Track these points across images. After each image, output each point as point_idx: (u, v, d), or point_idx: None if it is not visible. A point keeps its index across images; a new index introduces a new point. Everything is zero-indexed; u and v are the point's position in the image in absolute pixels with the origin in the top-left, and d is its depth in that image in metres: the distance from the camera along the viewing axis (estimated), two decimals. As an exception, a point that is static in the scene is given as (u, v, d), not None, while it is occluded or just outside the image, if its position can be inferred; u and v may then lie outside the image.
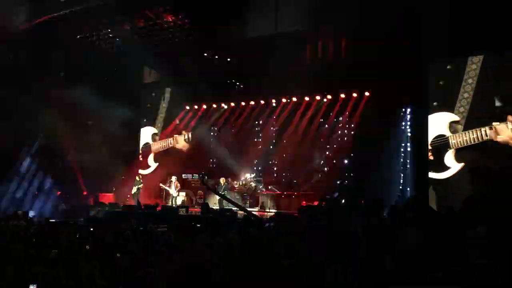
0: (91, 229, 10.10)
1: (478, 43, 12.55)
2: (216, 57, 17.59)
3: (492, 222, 3.42)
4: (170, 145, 20.15)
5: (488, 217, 3.83)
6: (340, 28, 14.13)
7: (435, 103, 14.09)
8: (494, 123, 12.84)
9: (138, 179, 17.89)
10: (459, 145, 13.43)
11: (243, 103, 19.37)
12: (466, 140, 13.30)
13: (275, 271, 4.29)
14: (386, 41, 13.14)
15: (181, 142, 19.98)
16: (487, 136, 12.88)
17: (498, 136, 12.71)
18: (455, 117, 13.61)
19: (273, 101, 18.76)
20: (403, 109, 15.77)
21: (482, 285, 2.93)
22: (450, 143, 13.60)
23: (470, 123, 13.36)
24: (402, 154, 15.63)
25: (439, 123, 13.88)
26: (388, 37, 13.03)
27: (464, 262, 3.24)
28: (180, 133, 20.07)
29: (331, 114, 17.68)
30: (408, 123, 15.63)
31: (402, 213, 4.41)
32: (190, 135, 19.84)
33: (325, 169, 18.14)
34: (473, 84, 13.41)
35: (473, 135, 13.18)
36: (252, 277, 3.79)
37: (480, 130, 13.07)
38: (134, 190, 17.59)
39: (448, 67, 14.07)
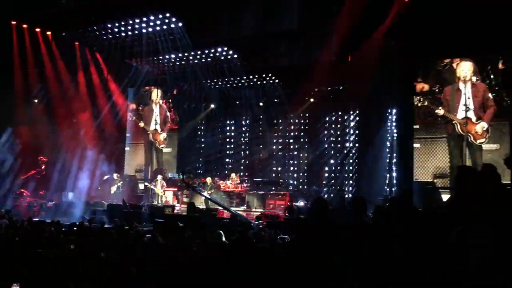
0: (75, 228, 10.02)
1: (465, 44, 12.84)
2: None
3: (471, 222, 3.47)
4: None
5: (469, 217, 3.88)
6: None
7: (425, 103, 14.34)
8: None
9: (117, 178, 17.75)
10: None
11: (230, 102, 19.35)
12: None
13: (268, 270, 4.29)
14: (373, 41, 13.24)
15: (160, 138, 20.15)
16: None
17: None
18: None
19: (261, 103, 18.80)
20: (389, 110, 15.92)
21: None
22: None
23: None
24: (388, 155, 15.78)
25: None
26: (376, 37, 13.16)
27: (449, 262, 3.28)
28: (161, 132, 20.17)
29: (320, 114, 17.76)
30: (394, 123, 15.76)
31: (387, 212, 4.45)
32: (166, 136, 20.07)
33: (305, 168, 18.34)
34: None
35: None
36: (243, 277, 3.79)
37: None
38: (114, 189, 17.46)
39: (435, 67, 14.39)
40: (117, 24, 15.48)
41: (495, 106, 13.53)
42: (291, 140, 19.22)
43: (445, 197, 12.29)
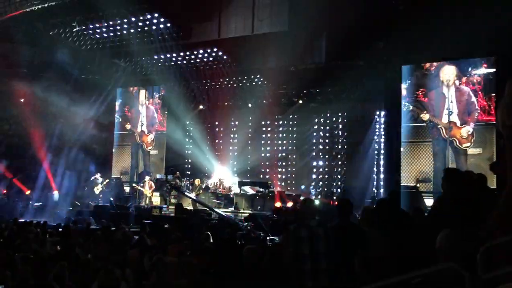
0: (60, 229, 9.92)
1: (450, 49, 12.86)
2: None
3: (459, 225, 3.48)
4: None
5: (455, 220, 3.90)
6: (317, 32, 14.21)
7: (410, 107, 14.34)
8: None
9: (99, 177, 17.59)
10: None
11: (219, 103, 19.31)
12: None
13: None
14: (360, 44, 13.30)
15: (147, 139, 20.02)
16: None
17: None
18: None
19: (249, 104, 18.79)
20: (377, 112, 16.06)
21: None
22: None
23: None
24: (376, 157, 15.92)
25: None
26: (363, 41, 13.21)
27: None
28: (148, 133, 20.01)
29: (308, 115, 17.81)
30: (382, 126, 15.89)
31: (372, 215, 4.48)
32: (154, 138, 19.89)
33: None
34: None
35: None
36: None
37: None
38: (98, 189, 17.30)
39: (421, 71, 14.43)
40: (105, 24, 15.37)
41: (478, 109, 13.52)
42: (280, 142, 19.26)
43: (428, 201, 12.42)
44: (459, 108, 13.84)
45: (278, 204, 14.77)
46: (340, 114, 17.59)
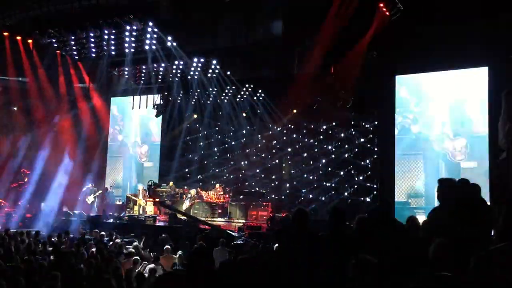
0: (53, 239, 9.86)
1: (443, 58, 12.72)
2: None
3: (453, 234, 3.51)
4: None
5: (450, 229, 3.93)
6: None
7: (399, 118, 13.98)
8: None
9: (92, 187, 17.46)
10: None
11: (214, 112, 19.32)
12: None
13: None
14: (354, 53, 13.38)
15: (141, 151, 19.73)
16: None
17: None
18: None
19: (244, 114, 18.82)
20: (371, 120, 16.05)
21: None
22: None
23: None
24: (370, 165, 15.87)
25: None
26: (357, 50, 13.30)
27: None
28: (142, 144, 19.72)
29: (303, 125, 17.82)
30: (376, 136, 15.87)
31: (367, 224, 4.49)
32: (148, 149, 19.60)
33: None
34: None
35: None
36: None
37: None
38: (91, 199, 17.18)
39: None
40: (99, 33, 15.38)
41: (473, 121, 12.83)
42: (274, 151, 19.25)
43: (420, 217, 12.15)
44: (451, 119, 13.21)
45: (271, 214, 14.79)
46: (334, 123, 17.51)
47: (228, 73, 16.86)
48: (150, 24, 14.58)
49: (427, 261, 3.35)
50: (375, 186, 15.29)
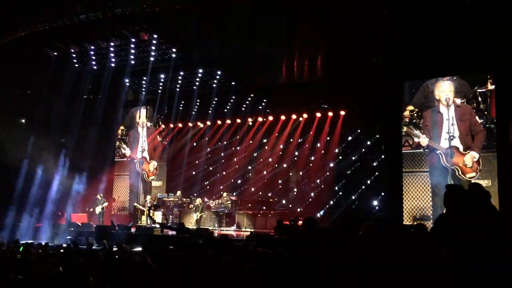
0: (62, 250, 9.87)
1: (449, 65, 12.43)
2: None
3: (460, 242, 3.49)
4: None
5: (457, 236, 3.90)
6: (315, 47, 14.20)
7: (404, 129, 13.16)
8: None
9: (100, 198, 17.46)
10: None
11: (219, 122, 19.35)
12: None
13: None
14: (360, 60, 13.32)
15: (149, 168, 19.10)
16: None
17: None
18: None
19: (249, 120, 18.82)
20: (377, 127, 15.89)
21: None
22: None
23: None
24: (377, 173, 15.68)
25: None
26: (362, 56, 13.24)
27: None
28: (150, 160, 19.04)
29: (310, 133, 17.78)
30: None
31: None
32: (157, 166, 18.92)
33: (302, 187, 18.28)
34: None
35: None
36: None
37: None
38: (98, 209, 17.17)
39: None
40: (105, 45, 15.54)
41: (484, 131, 11.74)
42: (280, 159, 19.20)
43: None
44: (460, 130, 11.95)
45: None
46: (340, 131, 17.40)
47: (233, 83, 16.96)
48: (155, 36, 14.72)
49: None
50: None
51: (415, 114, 12.91)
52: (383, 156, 14.70)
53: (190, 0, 13.26)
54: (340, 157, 16.50)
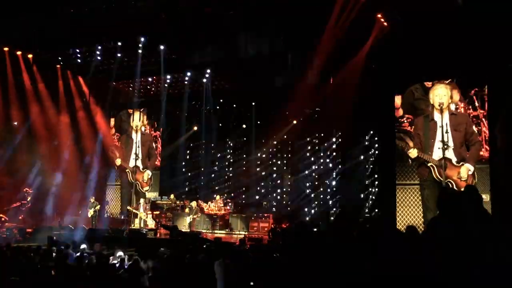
0: (54, 254, 9.80)
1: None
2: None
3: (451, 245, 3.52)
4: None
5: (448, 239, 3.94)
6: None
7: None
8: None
9: (93, 201, 17.33)
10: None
11: (213, 125, 19.32)
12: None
13: None
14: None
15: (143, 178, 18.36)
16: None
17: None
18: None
19: (244, 125, 18.87)
20: (371, 132, 15.91)
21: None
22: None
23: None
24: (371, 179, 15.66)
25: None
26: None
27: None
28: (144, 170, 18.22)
29: (302, 135, 17.82)
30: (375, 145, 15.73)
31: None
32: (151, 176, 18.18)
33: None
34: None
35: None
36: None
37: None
38: (91, 212, 17.04)
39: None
40: (100, 47, 15.50)
41: (481, 142, 10.88)
42: (274, 162, 19.23)
43: None
44: (455, 141, 11.01)
45: (272, 226, 14.73)
46: (333, 133, 17.44)
47: (226, 86, 16.98)
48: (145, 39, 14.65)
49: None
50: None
51: (405, 120, 12.25)
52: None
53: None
54: (336, 160, 16.55)
